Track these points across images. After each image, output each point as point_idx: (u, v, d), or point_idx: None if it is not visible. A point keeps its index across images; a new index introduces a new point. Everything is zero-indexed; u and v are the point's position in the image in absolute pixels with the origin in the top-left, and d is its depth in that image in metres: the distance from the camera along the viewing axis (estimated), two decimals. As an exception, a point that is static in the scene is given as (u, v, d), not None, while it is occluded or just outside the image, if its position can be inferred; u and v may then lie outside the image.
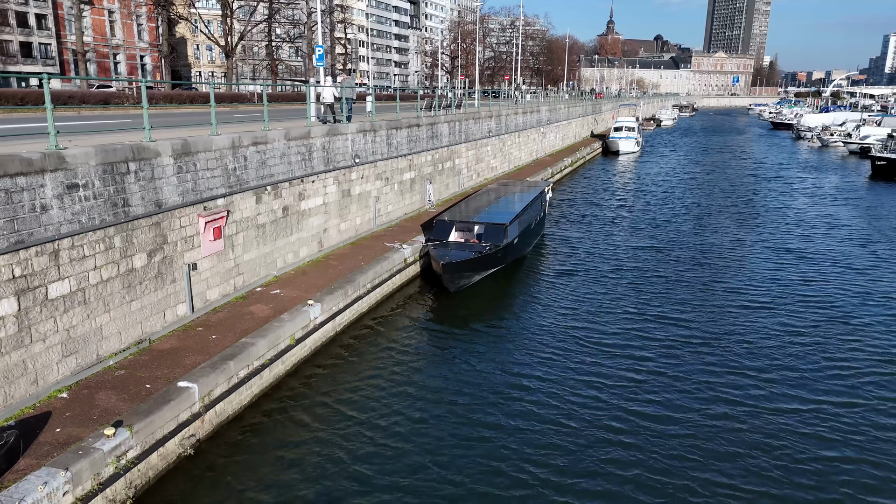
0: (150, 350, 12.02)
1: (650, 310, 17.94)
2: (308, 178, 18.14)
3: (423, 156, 26.64)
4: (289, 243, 17.46)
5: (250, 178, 15.49)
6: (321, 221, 19.07)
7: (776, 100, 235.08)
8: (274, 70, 77.05)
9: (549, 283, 20.54)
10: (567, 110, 60.43)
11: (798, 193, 40.20)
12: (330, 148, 19.29)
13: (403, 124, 24.57)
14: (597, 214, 31.68)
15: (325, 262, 18.51)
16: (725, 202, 35.78)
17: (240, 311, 14.26)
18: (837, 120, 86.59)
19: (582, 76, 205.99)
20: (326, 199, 19.28)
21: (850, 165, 58.33)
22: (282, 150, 16.80)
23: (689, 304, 18.43)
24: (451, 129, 29.87)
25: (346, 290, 16.16)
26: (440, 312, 18.20)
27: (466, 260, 18.48)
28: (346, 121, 21.29)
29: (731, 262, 22.78)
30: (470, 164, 32.85)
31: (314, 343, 14.64)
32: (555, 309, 18.16)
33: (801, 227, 29.27)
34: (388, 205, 23.61)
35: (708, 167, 54.54)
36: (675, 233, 27.59)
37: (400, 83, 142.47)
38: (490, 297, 19.52)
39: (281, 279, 16.68)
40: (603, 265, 22.48)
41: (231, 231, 14.89)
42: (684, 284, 20.27)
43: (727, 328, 16.57)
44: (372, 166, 22.08)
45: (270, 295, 15.42)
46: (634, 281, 20.57)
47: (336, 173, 19.72)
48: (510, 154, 40.29)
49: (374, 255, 19.33)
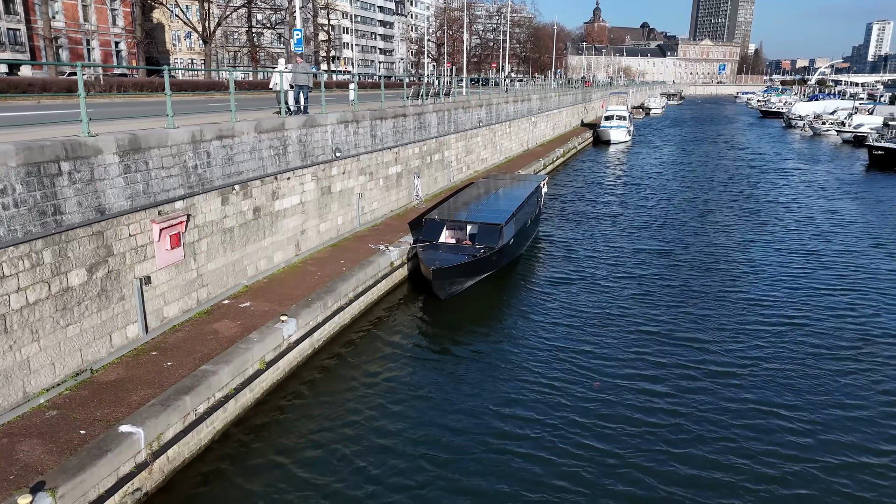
0: (91, 383, 10.22)
1: (656, 325, 16.32)
2: (283, 175, 16.32)
3: (411, 148, 24.83)
4: (261, 248, 15.66)
5: (215, 176, 13.65)
6: (298, 222, 17.27)
7: (762, 88, 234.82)
8: (254, 57, 74.52)
9: (547, 289, 18.89)
10: (558, 99, 58.70)
11: (798, 185, 38.84)
12: (307, 141, 17.45)
13: (389, 114, 22.74)
14: (591, 211, 29.87)
15: (302, 267, 16.73)
16: (726, 196, 34.19)
17: (202, 329, 12.47)
18: (828, 108, 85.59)
19: (568, 64, 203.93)
20: (304, 198, 17.46)
21: (845, 155, 57.21)
22: (252, 145, 14.95)
23: (699, 318, 16.85)
24: (440, 118, 28.06)
25: (325, 302, 14.41)
26: (429, 323, 16.52)
27: (459, 265, 16.78)
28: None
29: (740, 267, 21.05)
30: (460, 157, 31.07)
31: (288, 365, 12.90)
32: (554, 320, 16.51)
33: (808, 225, 27.68)
34: (372, 202, 21.82)
35: (702, 158, 53.12)
36: (676, 232, 25.83)
37: (385, 70, 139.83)
38: (483, 304, 17.86)
39: (252, 289, 14.89)
40: (602, 268, 20.82)
41: (192, 237, 13.06)
42: (693, 295, 18.61)
43: (744, 350, 14.93)
44: (355, 160, 20.26)
45: (239, 309, 13.63)
46: (637, 289, 18.88)
47: (314, 169, 17.89)
48: (501, 145, 38.53)
49: (357, 259, 17.57)
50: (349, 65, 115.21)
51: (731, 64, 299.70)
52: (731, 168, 46.40)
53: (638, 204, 31.67)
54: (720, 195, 34.48)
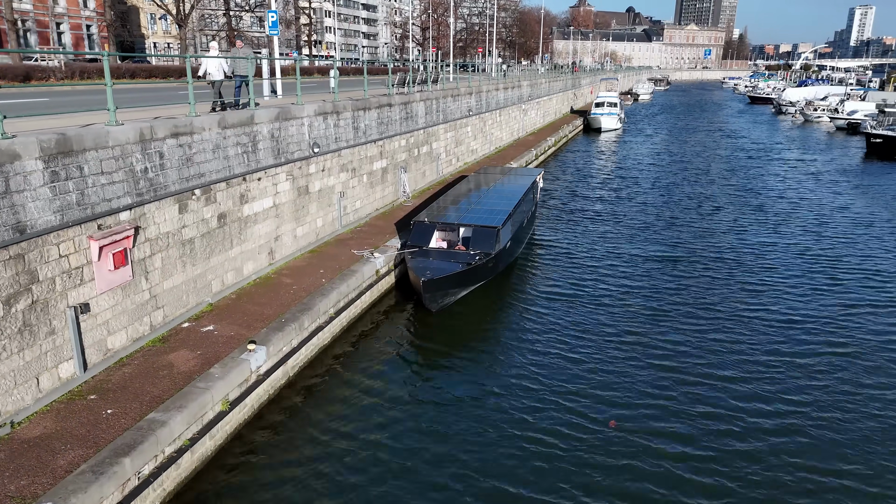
0: (9, 441, 8.36)
1: (664, 341, 14.70)
2: (252, 176, 14.39)
3: (397, 140, 22.92)
4: (228, 259, 13.77)
5: (170, 180, 11.72)
6: (271, 228, 15.38)
7: (748, 73, 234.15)
8: (232, 41, 71.62)
9: (544, 298, 17.14)
10: (548, 85, 56.81)
11: (798, 177, 37.37)
12: (281, 136, 15.52)
13: (373, 104, 20.80)
14: (587, 208, 27.86)
15: (276, 279, 14.86)
16: (726, 190, 32.30)
17: (155, 362, 10.61)
18: (819, 94, 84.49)
19: (555, 49, 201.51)
20: (278, 200, 15.56)
21: (839, 142, 56.03)
22: (215, 142, 13.01)
23: (714, 335, 15.26)
24: (428, 108, 26.15)
25: (300, 323, 12.59)
26: (419, 340, 14.76)
27: (452, 275, 15.01)
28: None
29: (751, 272, 19.24)
30: (449, 148, 29.19)
31: (258, 400, 11.09)
32: (553, 334, 14.81)
33: (817, 223, 25.96)
34: (355, 200, 19.94)
35: (697, 147, 51.51)
36: (679, 233, 23.94)
37: (369, 55, 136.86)
38: (477, 314, 16.12)
39: (218, 308, 13.02)
40: (601, 273, 19.04)
41: (143, 253, 11.16)
42: (704, 306, 16.99)
43: (768, 383, 13.42)
44: (335, 156, 18.35)
45: (200, 334, 11.78)
46: (639, 297, 17.15)
47: (290, 167, 15.98)
48: (491, 134, 36.67)
49: (338, 268, 15.74)
50: (331, 49, 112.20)
51: (716, 49, 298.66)
52: (728, 158, 44.84)
53: (635, 199, 29.85)
54: (720, 189, 32.81)
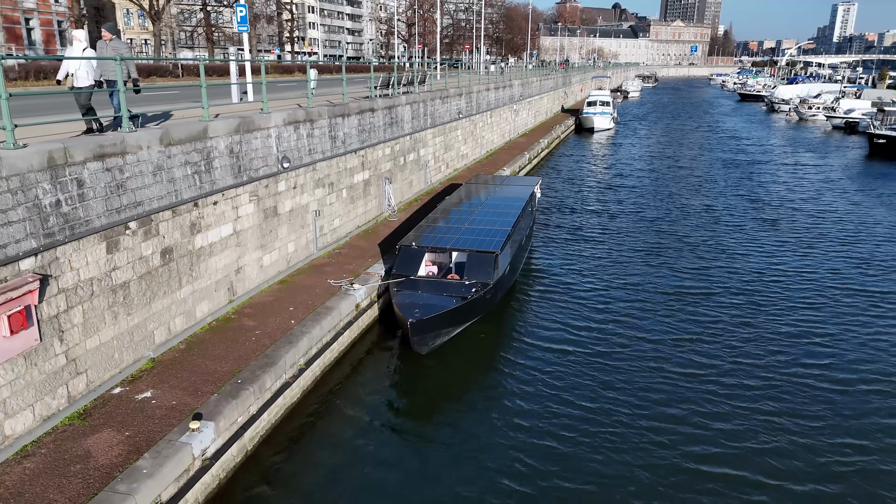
0: None
1: (692, 395, 12.62)
2: (206, 200, 12.08)
3: (380, 149, 20.63)
4: (176, 302, 11.46)
5: (94, 213, 9.39)
6: (231, 259, 13.07)
7: (734, 69, 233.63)
8: (209, 37, 68.84)
9: (544, 329, 14.95)
10: (539, 84, 54.66)
11: (804, 183, 35.41)
12: (242, 151, 13.20)
13: (353, 109, 18.51)
14: (586, 224, 25.14)
15: (236, 321, 12.56)
16: (734, 202, 29.40)
17: (68, 451, 8.30)
18: (812, 92, 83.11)
19: (541, 45, 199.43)
20: (239, 226, 13.25)
21: (838, 142, 54.45)
22: (156, 163, 10.69)
23: (734, 377, 13.18)
24: (415, 111, 23.87)
25: (261, 383, 10.32)
26: (406, 390, 12.56)
27: (443, 313, 12.79)
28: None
29: (773, 305, 16.80)
30: (438, 154, 26.93)
31: (203, 492, 8.81)
32: (556, 374, 12.65)
33: (832, 233, 24.09)
34: (333, 219, 17.65)
35: (694, 149, 49.55)
36: (688, 252, 21.42)
37: (353, 52, 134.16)
38: (471, 353, 13.92)
39: (161, 364, 10.71)
40: (607, 302, 16.70)
41: (56, 308, 8.84)
42: (723, 341, 14.98)
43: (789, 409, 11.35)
44: (309, 170, 16.06)
45: (134, 404, 9.47)
46: (655, 335, 15.09)
47: (254, 186, 13.67)
48: (482, 137, 34.45)
49: (311, 304, 13.47)
50: (314, 46, 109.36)
51: (702, 45, 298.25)
52: (729, 162, 42.67)
53: (635, 212, 27.06)
54: (725, 199, 30.18)
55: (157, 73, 38.36)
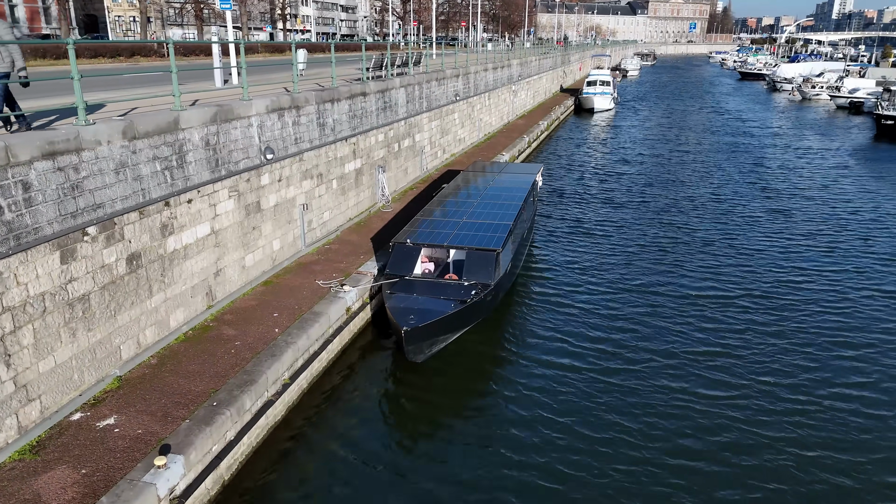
0: None
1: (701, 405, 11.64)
2: (180, 198, 10.95)
3: (373, 135, 19.44)
4: (146, 312, 10.38)
5: (44, 220, 8.28)
6: (209, 261, 11.98)
7: (733, 47, 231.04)
8: (199, 14, 66.84)
9: (550, 345, 13.94)
10: (538, 63, 53.14)
11: (813, 167, 34.30)
12: (220, 142, 12.04)
13: (343, 94, 17.29)
14: (589, 215, 23.74)
15: (215, 329, 11.51)
16: (743, 189, 28.04)
17: (12, 495, 7.28)
18: (814, 70, 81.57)
19: (538, 23, 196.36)
20: (217, 224, 12.14)
21: (843, 123, 53.25)
22: (119, 159, 9.54)
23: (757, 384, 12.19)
24: (410, 94, 22.61)
25: (240, 404, 9.31)
26: (398, 403, 11.57)
27: (440, 319, 11.76)
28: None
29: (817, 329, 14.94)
30: (434, 139, 25.72)
31: (172, 536, 7.83)
32: (563, 394, 11.68)
33: (852, 225, 23.08)
34: (323, 212, 16.54)
35: (697, 131, 48.20)
36: (707, 249, 19.70)
37: (347, 29, 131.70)
38: (468, 362, 12.92)
39: (129, 383, 9.67)
40: (618, 308, 15.75)
41: (2, 329, 7.76)
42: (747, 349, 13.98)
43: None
44: (295, 161, 14.90)
45: (94, 434, 8.44)
46: (674, 357, 13.98)
47: (233, 180, 12.53)
48: (480, 120, 33.17)
49: (297, 308, 12.43)
50: (307, 23, 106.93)
51: (701, 22, 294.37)
52: (733, 146, 41.23)
53: (641, 202, 25.75)
54: (734, 188, 28.56)
55: (141, 52, 36.83)
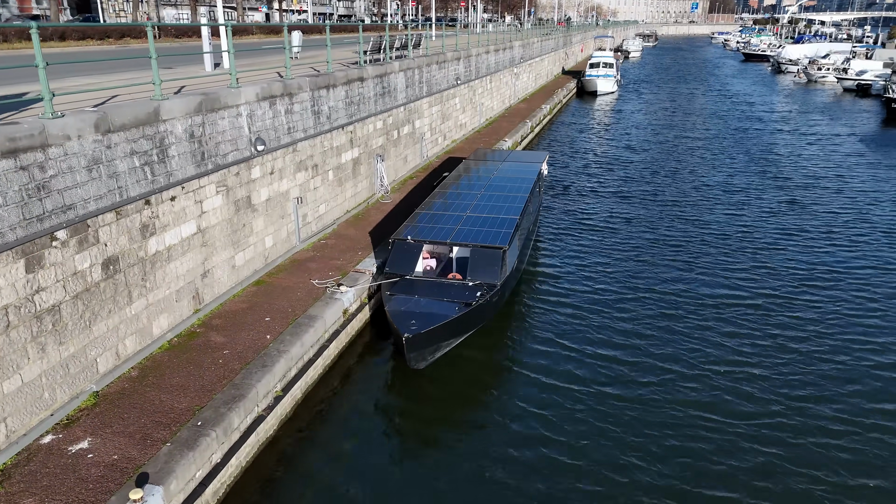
0: None
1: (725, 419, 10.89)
2: (162, 196, 10.11)
3: (371, 123, 18.53)
4: (126, 320, 9.59)
5: (4, 226, 7.46)
6: (196, 262, 11.16)
7: (736, 27, 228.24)
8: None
9: (557, 339, 13.18)
10: (540, 45, 51.89)
11: (829, 157, 33.16)
12: (206, 134, 11.16)
13: (339, 80, 16.35)
14: (595, 207, 22.62)
15: (202, 336, 10.73)
16: (758, 181, 26.52)
17: (-28, 535, 6.56)
18: (820, 51, 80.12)
19: (539, 3, 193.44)
20: (204, 223, 11.30)
21: (850, 106, 52.12)
22: (91, 155, 8.69)
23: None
24: (409, 79, 21.64)
25: (228, 423, 8.55)
26: (397, 412, 10.82)
27: (443, 324, 10.97)
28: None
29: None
30: (434, 125, 24.77)
31: (150, 576, 7.10)
32: (571, 408, 10.93)
33: (890, 230, 21.71)
34: (318, 205, 15.69)
35: (704, 116, 46.92)
36: (723, 248, 18.24)
37: (344, 10, 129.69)
38: (470, 368, 12.16)
39: (106, 398, 8.90)
40: (627, 307, 14.93)
41: (-43, 349, 6.98)
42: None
43: None
44: (289, 151, 14.02)
45: (65, 459, 7.69)
46: (695, 378, 13.20)
47: (221, 175, 11.67)
48: (481, 104, 32.16)
49: (291, 311, 11.64)
50: (303, 3, 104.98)
51: (702, 2, 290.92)
52: (742, 132, 39.96)
53: (650, 194, 24.54)
54: (747, 178, 27.13)
55: (131, 34, 35.59)
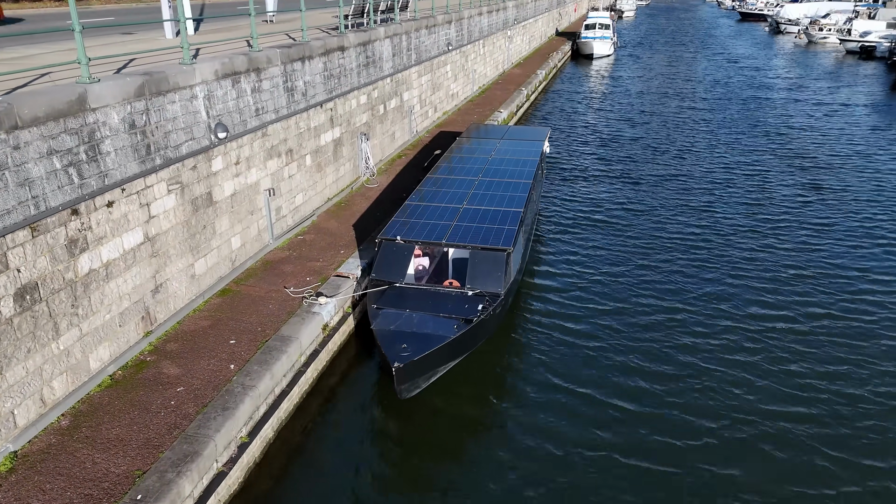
0: None
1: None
2: (95, 202, 8.25)
3: (353, 98, 16.53)
4: (51, 359, 7.83)
5: None
6: (144, 276, 9.35)
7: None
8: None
9: (562, 348, 11.60)
10: (534, 5, 49.24)
11: (840, 130, 31.52)
12: (151, 123, 9.24)
13: (316, 50, 14.31)
14: (599, 193, 20.62)
15: (153, 366, 8.99)
16: (770, 157, 24.35)
17: None
18: (820, 11, 77.64)
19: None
20: (153, 229, 9.46)
21: (854, 69, 50.14)
22: (-10, 160, 6.81)
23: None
24: (396, 46, 19.53)
25: (176, 493, 6.89)
26: (383, 448, 9.20)
27: (438, 349, 9.29)
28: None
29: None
30: (424, 97, 22.71)
31: None
32: (574, 412, 9.39)
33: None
34: (294, 195, 13.82)
35: (705, 83, 44.66)
36: (744, 248, 15.88)
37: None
38: (462, 389, 10.57)
39: (25, 462, 7.21)
40: (635, 310, 13.32)
41: None
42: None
43: None
44: (257, 137, 12.10)
45: (-38, 559, 6.03)
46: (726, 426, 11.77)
47: (174, 170, 9.78)
48: (474, 72, 29.97)
49: (262, 331, 9.91)
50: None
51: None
52: (747, 101, 38.04)
53: (658, 178, 22.01)
54: (754, 155, 24.89)
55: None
